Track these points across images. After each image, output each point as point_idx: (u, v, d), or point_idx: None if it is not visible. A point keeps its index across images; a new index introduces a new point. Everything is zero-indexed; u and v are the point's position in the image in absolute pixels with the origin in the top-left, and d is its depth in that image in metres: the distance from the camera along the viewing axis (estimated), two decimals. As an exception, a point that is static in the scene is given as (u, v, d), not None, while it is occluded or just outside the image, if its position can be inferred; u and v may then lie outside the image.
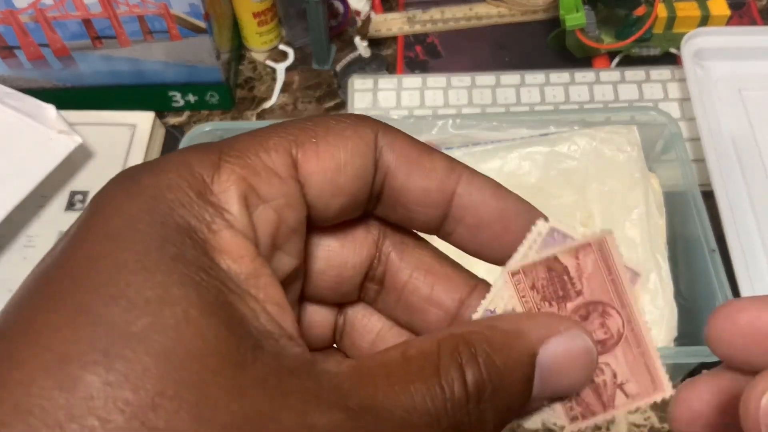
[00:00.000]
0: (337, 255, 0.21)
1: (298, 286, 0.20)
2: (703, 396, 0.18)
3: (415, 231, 0.22)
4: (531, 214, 0.20)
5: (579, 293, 0.19)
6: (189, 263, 0.15)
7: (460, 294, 0.21)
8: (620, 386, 0.19)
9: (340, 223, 0.20)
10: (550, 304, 0.19)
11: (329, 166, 0.18)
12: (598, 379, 0.19)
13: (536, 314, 0.19)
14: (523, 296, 0.19)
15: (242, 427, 0.14)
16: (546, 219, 0.19)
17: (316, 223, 0.20)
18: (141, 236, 0.15)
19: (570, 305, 0.19)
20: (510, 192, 0.20)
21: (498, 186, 0.20)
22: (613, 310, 0.19)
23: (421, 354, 0.17)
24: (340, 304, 0.22)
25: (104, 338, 0.14)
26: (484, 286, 0.21)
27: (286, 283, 0.19)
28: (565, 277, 0.19)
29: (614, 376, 0.19)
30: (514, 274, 0.19)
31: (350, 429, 0.15)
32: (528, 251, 0.19)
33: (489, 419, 0.17)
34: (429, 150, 0.20)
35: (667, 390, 0.19)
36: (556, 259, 0.19)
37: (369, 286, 0.21)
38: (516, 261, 0.19)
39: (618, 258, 0.19)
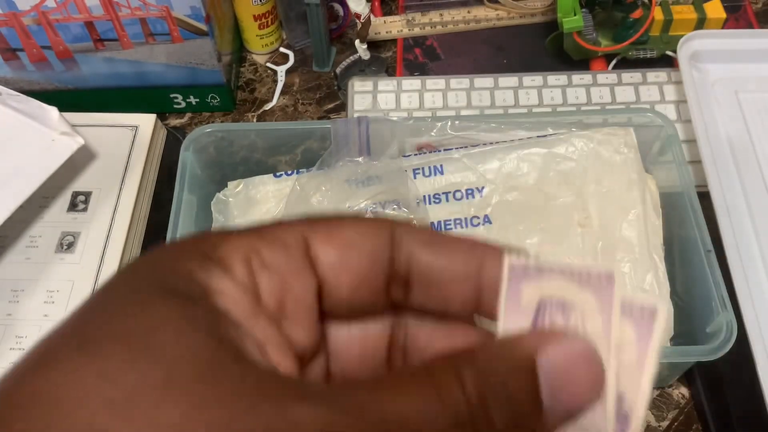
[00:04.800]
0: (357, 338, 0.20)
1: (320, 372, 0.20)
2: None
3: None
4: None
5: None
6: (184, 295, 0.16)
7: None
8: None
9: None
10: None
11: (339, 243, 0.18)
12: None
13: (528, 330, 0.18)
14: None
15: (213, 411, 0.14)
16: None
17: (335, 309, 0.19)
18: (137, 276, 0.16)
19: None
20: None
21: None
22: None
23: (412, 368, 0.17)
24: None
25: (81, 338, 0.15)
26: None
27: (303, 363, 0.19)
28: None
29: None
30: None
31: (331, 422, 0.14)
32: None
33: (500, 427, 0.16)
34: (448, 233, 0.20)
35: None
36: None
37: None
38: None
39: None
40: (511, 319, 0.18)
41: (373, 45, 0.70)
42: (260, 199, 0.53)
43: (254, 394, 0.14)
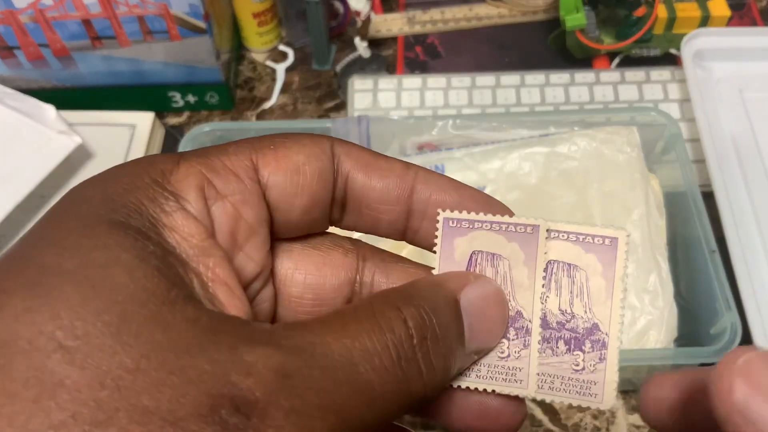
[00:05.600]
0: (314, 278, 0.21)
1: (269, 306, 0.20)
2: (667, 386, 0.19)
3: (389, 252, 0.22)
4: (489, 201, 0.20)
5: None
6: (134, 229, 0.16)
7: None
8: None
9: (316, 248, 0.21)
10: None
11: (288, 167, 0.19)
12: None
13: (448, 272, 0.20)
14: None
15: (166, 356, 0.14)
16: (510, 214, 0.20)
17: (284, 232, 0.20)
18: (89, 207, 0.16)
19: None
20: (466, 185, 0.21)
21: (453, 180, 0.21)
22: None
23: (354, 307, 0.17)
24: None
25: (32, 274, 0.14)
26: None
27: (250, 296, 0.19)
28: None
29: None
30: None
31: (283, 364, 0.15)
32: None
33: (436, 362, 0.17)
34: (384, 155, 0.21)
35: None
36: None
37: None
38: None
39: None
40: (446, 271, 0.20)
41: (374, 43, 0.69)
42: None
43: (206, 337, 0.14)
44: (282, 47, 0.71)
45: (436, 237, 0.20)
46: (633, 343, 0.46)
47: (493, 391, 0.19)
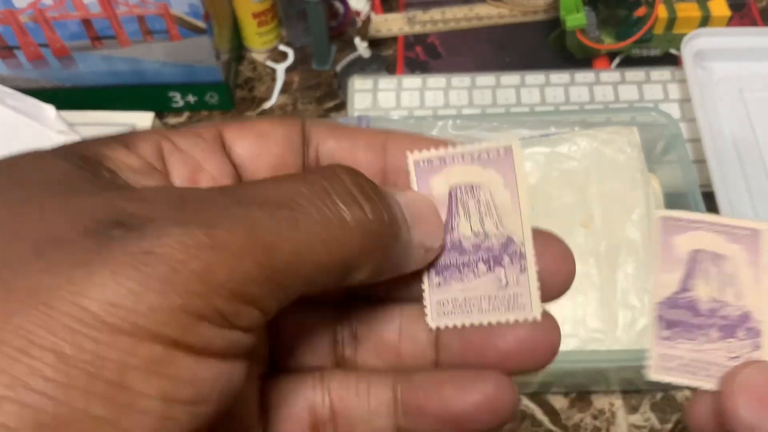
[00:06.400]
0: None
1: None
2: (706, 408, 0.19)
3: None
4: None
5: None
6: (71, 154, 0.16)
7: None
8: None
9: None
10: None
11: (252, 132, 0.19)
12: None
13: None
14: None
15: (55, 196, 0.14)
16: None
17: None
18: (45, 151, 0.16)
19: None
20: (441, 138, 0.21)
21: (428, 136, 0.21)
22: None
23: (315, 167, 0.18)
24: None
25: None
26: None
27: None
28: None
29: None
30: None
31: (182, 194, 0.15)
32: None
33: (373, 212, 0.17)
34: (355, 128, 0.21)
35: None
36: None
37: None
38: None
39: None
40: None
41: (374, 43, 0.69)
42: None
43: (103, 184, 0.15)
44: (282, 47, 0.71)
45: (410, 182, 0.19)
46: (633, 343, 0.46)
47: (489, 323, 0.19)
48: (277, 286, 0.14)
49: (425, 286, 0.19)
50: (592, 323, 0.46)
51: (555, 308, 0.19)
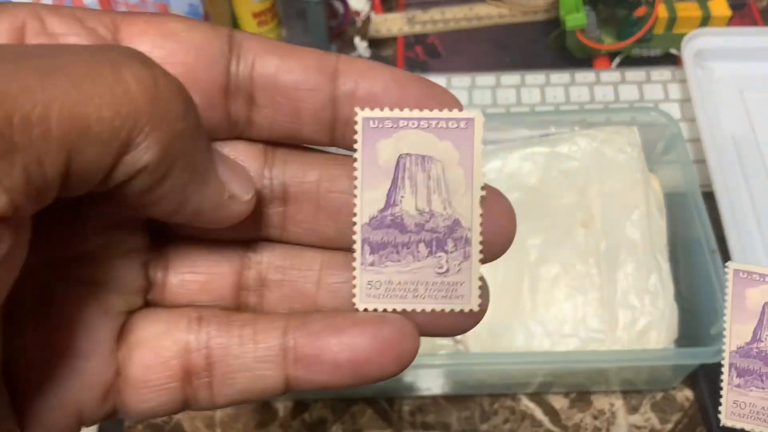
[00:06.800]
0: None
1: None
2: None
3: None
4: (431, 90, 0.17)
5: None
6: None
7: None
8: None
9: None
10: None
11: (158, 31, 0.16)
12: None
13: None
14: None
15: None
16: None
17: None
18: None
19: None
20: (400, 70, 0.18)
21: (385, 65, 0.18)
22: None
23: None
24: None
25: None
26: None
27: None
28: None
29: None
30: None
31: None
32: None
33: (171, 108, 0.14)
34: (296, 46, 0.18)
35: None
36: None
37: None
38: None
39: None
40: (369, 183, 0.18)
41: (374, 43, 0.69)
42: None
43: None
44: (282, 47, 0.71)
45: (356, 141, 0.17)
46: (633, 344, 0.46)
47: (432, 310, 0.18)
48: (21, 150, 0.12)
49: (356, 263, 0.18)
50: (592, 323, 0.46)
51: (555, 308, 0.19)
